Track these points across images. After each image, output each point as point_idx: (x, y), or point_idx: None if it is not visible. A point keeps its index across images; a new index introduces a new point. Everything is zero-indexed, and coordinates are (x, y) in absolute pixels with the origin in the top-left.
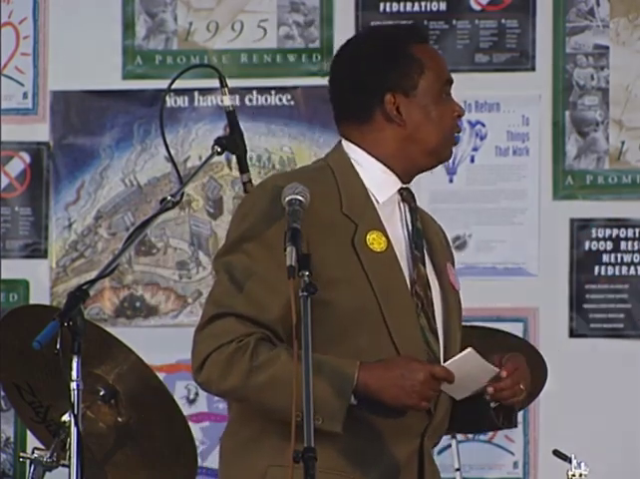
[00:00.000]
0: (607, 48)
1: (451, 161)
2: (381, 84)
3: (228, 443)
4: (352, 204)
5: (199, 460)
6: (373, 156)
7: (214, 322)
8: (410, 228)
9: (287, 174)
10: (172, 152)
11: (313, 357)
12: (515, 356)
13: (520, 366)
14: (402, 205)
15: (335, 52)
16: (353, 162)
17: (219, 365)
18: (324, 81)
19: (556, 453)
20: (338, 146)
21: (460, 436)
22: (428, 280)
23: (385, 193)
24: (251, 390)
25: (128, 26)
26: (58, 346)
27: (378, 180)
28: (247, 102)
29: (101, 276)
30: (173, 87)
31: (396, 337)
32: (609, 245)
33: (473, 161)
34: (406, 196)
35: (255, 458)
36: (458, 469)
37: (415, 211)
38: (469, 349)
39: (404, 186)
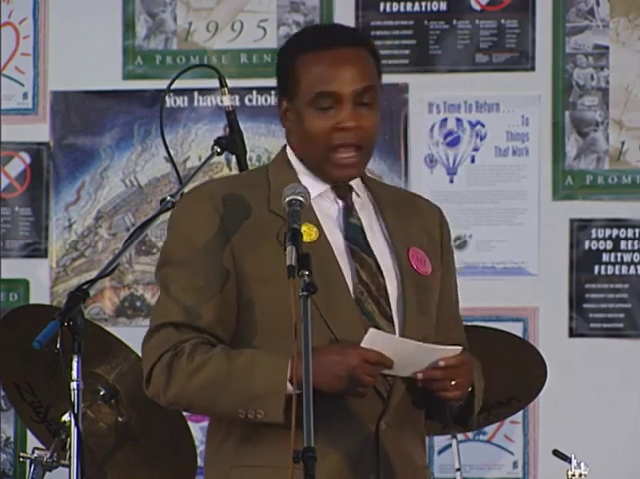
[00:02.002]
0: (607, 48)
1: (451, 161)
2: (278, 89)
3: (207, 447)
4: (281, 200)
5: (199, 460)
6: (297, 155)
7: (155, 334)
8: (343, 224)
9: (219, 179)
10: (172, 152)
11: (248, 353)
12: (464, 355)
13: (463, 365)
14: (338, 201)
15: None
16: (292, 160)
17: (161, 375)
18: None
19: (556, 453)
20: (283, 147)
21: (460, 436)
22: (379, 268)
23: (316, 189)
24: (192, 395)
25: (128, 26)
26: (58, 346)
27: (309, 176)
28: (247, 102)
29: (101, 276)
30: (173, 87)
31: (332, 325)
32: (609, 245)
33: (473, 161)
34: (340, 192)
35: (222, 460)
36: (458, 469)
37: (349, 207)
38: (370, 330)
39: (341, 183)
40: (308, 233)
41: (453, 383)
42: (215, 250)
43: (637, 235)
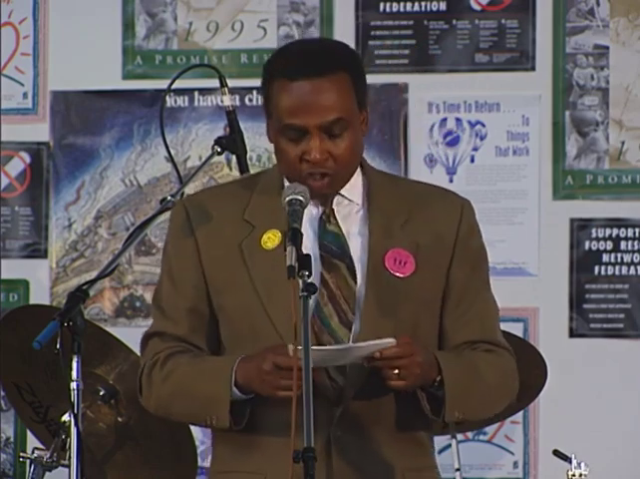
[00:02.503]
0: (607, 48)
1: (451, 161)
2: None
3: None
4: (258, 209)
5: (199, 460)
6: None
7: (146, 343)
8: (318, 231)
9: (209, 188)
10: (172, 152)
11: (206, 359)
12: (407, 344)
13: (406, 356)
14: (319, 207)
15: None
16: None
17: (144, 385)
18: None
19: (556, 453)
20: None
21: (460, 436)
22: (353, 272)
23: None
24: (165, 403)
25: (128, 26)
26: (58, 346)
27: None
28: (247, 102)
29: (101, 276)
30: (173, 87)
31: (279, 329)
32: (609, 245)
33: (473, 161)
34: (322, 199)
35: (211, 465)
36: (458, 469)
37: (327, 215)
38: (289, 346)
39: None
40: (272, 239)
41: (396, 372)
42: (185, 259)
43: (637, 235)
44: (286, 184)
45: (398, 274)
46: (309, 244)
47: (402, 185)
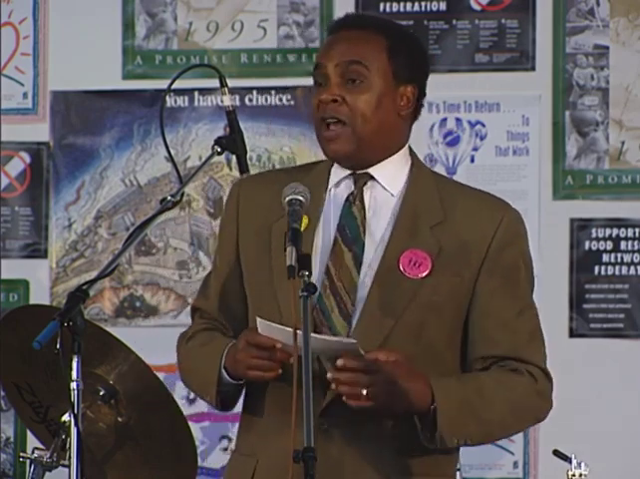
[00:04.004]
0: (607, 48)
1: (451, 161)
2: None
3: None
4: None
5: (199, 460)
6: None
7: (193, 318)
8: (340, 212)
9: (261, 173)
10: (172, 152)
11: (211, 339)
12: (375, 362)
13: (374, 371)
14: (351, 189)
15: None
16: None
17: (177, 359)
18: None
19: (556, 453)
20: None
21: None
22: (359, 262)
23: (336, 176)
24: (184, 379)
25: (128, 26)
26: (58, 346)
27: (337, 165)
28: (247, 102)
29: (101, 276)
30: (173, 87)
31: (284, 317)
32: (609, 245)
33: (473, 161)
34: (358, 180)
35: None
36: (458, 469)
37: (354, 197)
38: (257, 319)
39: (360, 171)
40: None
41: (364, 392)
42: (226, 240)
43: (637, 235)
44: (333, 170)
45: (409, 275)
46: (331, 227)
47: (447, 186)
